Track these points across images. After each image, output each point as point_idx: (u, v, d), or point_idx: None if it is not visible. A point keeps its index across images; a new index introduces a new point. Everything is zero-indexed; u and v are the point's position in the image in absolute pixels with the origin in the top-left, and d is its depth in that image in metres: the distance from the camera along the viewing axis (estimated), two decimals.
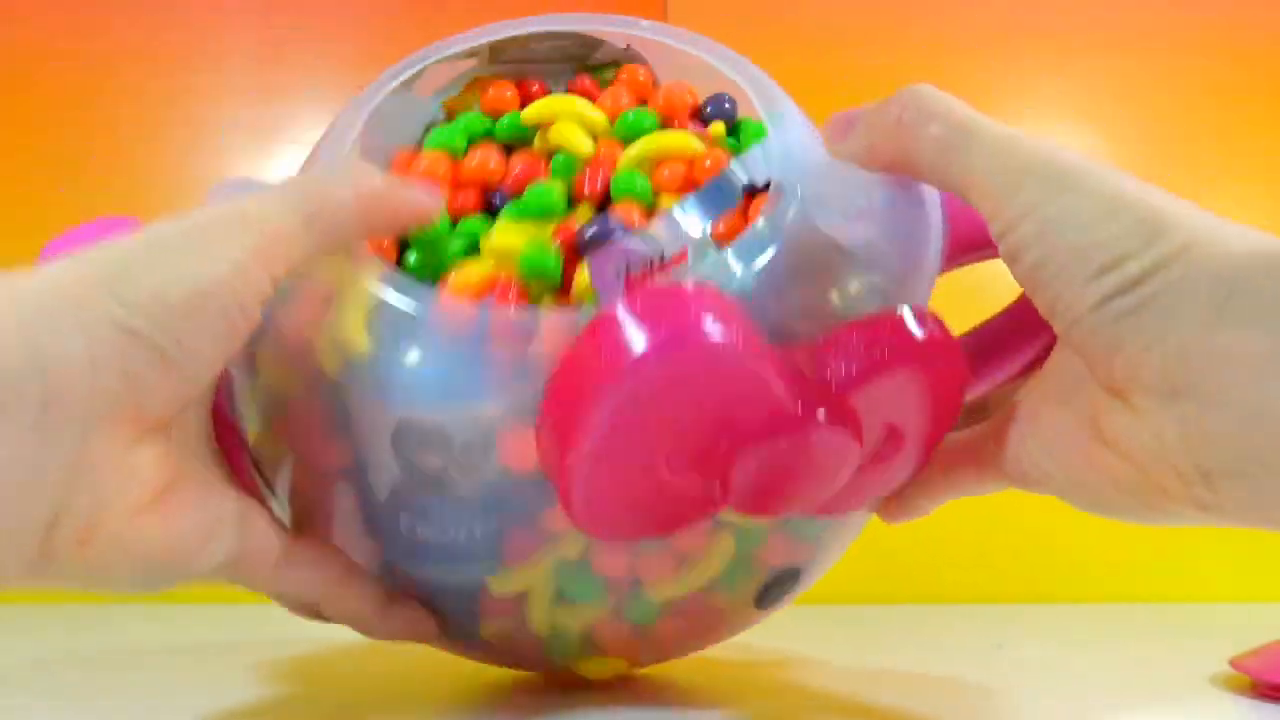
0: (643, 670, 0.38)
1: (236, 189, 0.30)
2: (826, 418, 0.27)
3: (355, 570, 0.32)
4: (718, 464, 0.27)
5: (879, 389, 0.27)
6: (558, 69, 0.37)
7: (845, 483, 0.28)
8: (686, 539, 0.31)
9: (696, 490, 0.27)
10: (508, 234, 0.30)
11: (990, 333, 0.35)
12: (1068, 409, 0.27)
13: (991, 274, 0.31)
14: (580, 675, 0.35)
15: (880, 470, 0.29)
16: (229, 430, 0.31)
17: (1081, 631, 0.52)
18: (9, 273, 0.24)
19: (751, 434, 0.26)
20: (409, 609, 0.33)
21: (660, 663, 0.38)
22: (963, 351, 0.29)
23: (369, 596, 0.32)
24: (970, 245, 0.33)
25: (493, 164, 0.32)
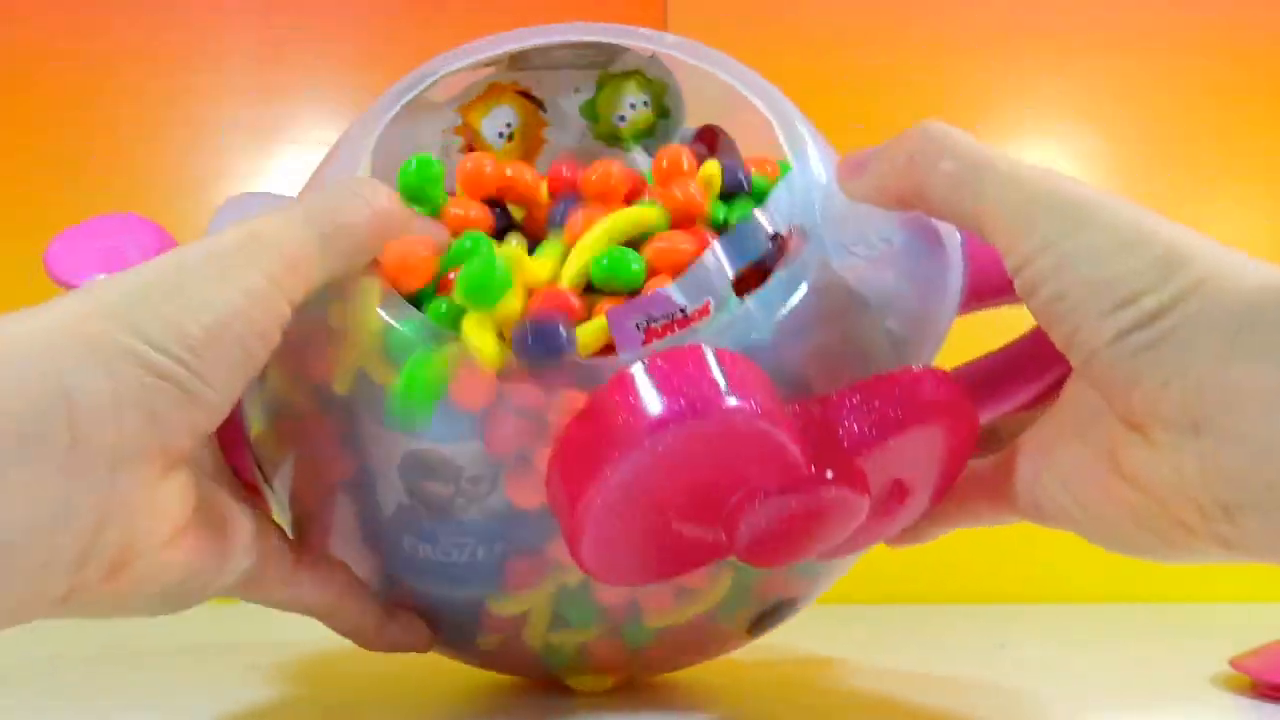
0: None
1: (247, 204, 0.30)
2: (836, 477, 0.27)
3: (356, 586, 0.32)
4: (726, 517, 0.27)
5: (889, 448, 0.27)
6: (578, 75, 0.37)
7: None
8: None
9: (703, 540, 0.28)
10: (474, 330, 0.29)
11: (1004, 361, 0.34)
12: (1084, 443, 0.27)
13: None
14: (571, 687, 0.36)
15: (884, 522, 0.30)
16: (231, 425, 0.31)
17: (1081, 631, 0.52)
18: (29, 309, 0.24)
19: (762, 490, 0.26)
20: (406, 623, 0.33)
21: (649, 677, 0.38)
22: (973, 409, 0.29)
23: (369, 612, 0.32)
24: (991, 286, 0.33)
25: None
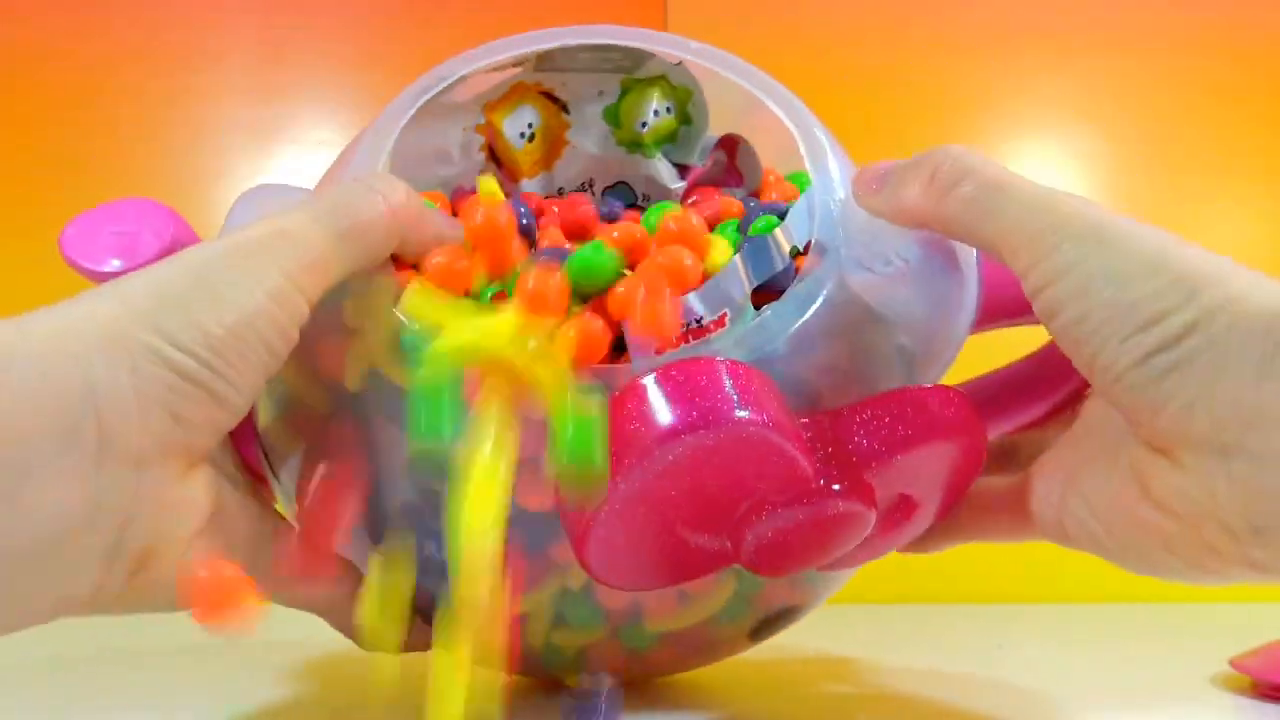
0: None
1: (264, 197, 0.30)
2: (844, 491, 0.27)
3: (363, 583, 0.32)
4: (733, 526, 0.27)
5: (898, 464, 0.28)
6: (602, 79, 0.36)
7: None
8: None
9: (710, 548, 0.28)
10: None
11: (1014, 377, 0.34)
12: (1110, 468, 0.26)
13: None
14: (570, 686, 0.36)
15: (890, 535, 0.30)
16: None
17: (1081, 631, 0.52)
18: (53, 306, 0.24)
19: (769, 502, 0.27)
20: (410, 625, 0.33)
21: (648, 679, 0.38)
22: (982, 427, 0.29)
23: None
24: (1005, 306, 0.33)
25: None
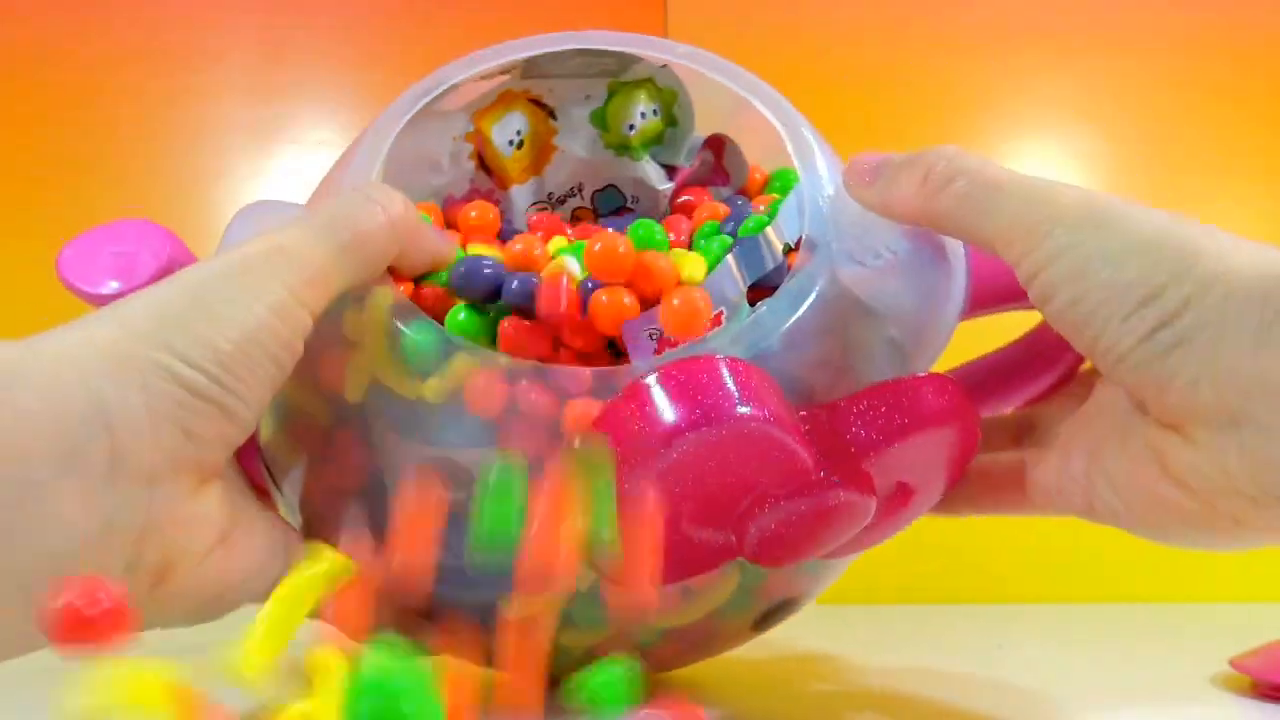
0: None
1: (261, 213, 0.30)
2: (844, 481, 0.27)
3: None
4: (737, 520, 0.27)
5: (894, 452, 0.28)
6: (589, 83, 0.36)
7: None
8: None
9: (714, 543, 0.28)
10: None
11: (1006, 360, 0.35)
12: (1127, 447, 0.27)
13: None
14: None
15: (889, 522, 0.30)
16: None
17: (1081, 631, 0.52)
18: (62, 327, 0.24)
19: (771, 495, 0.27)
20: (416, 630, 0.33)
21: (656, 674, 0.38)
22: (976, 412, 0.29)
23: (382, 619, 0.32)
24: (994, 293, 0.33)
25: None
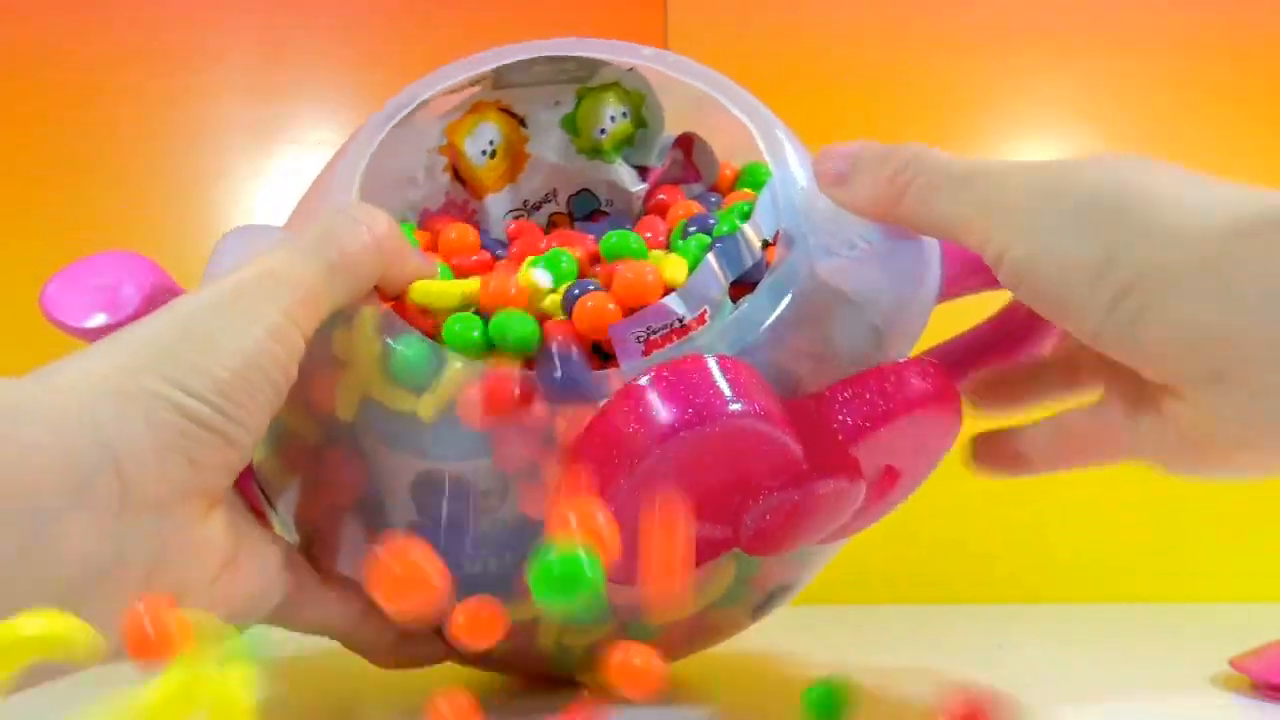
0: None
1: (247, 238, 0.30)
2: (833, 469, 0.28)
3: (374, 608, 0.33)
4: (732, 513, 0.28)
5: (881, 437, 0.28)
6: (557, 90, 0.37)
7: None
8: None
9: (710, 536, 0.29)
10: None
11: (982, 337, 0.35)
12: (1148, 405, 0.27)
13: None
14: (582, 684, 0.36)
15: (877, 506, 0.31)
16: None
17: (1081, 631, 0.52)
18: (66, 360, 0.25)
19: (764, 487, 0.28)
20: (419, 639, 0.33)
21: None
22: (957, 393, 0.30)
23: (385, 634, 0.33)
24: (969, 276, 0.33)
25: None
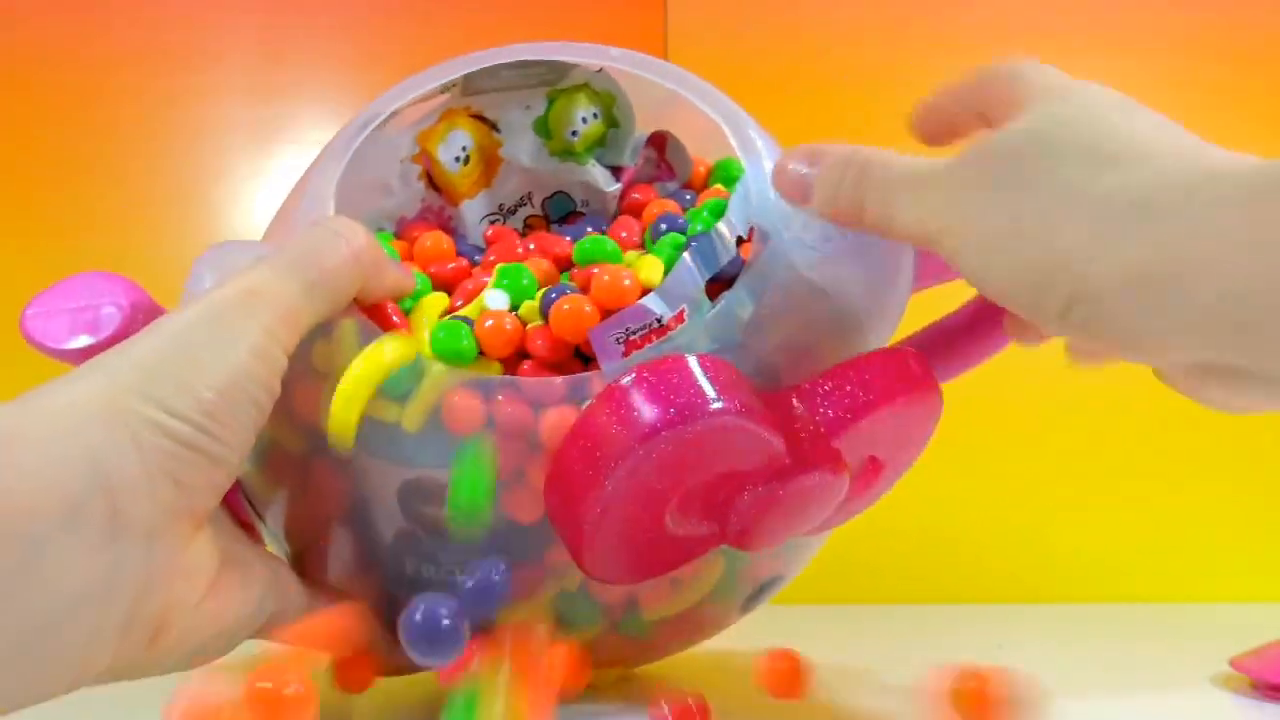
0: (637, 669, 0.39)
1: (226, 254, 0.30)
2: (816, 463, 0.28)
3: (364, 613, 0.33)
4: (716, 510, 0.28)
5: (862, 428, 0.29)
6: (527, 94, 0.37)
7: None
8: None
9: (697, 533, 0.29)
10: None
11: (958, 323, 0.35)
12: None
13: None
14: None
15: (861, 496, 0.31)
16: None
17: (1081, 631, 0.52)
18: (57, 382, 0.25)
19: (748, 482, 0.28)
20: None
21: (649, 663, 0.38)
22: (935, 382, 0.30)
23: (378, 639, 0.33)
24: (942, 268, 0.33)
25: None
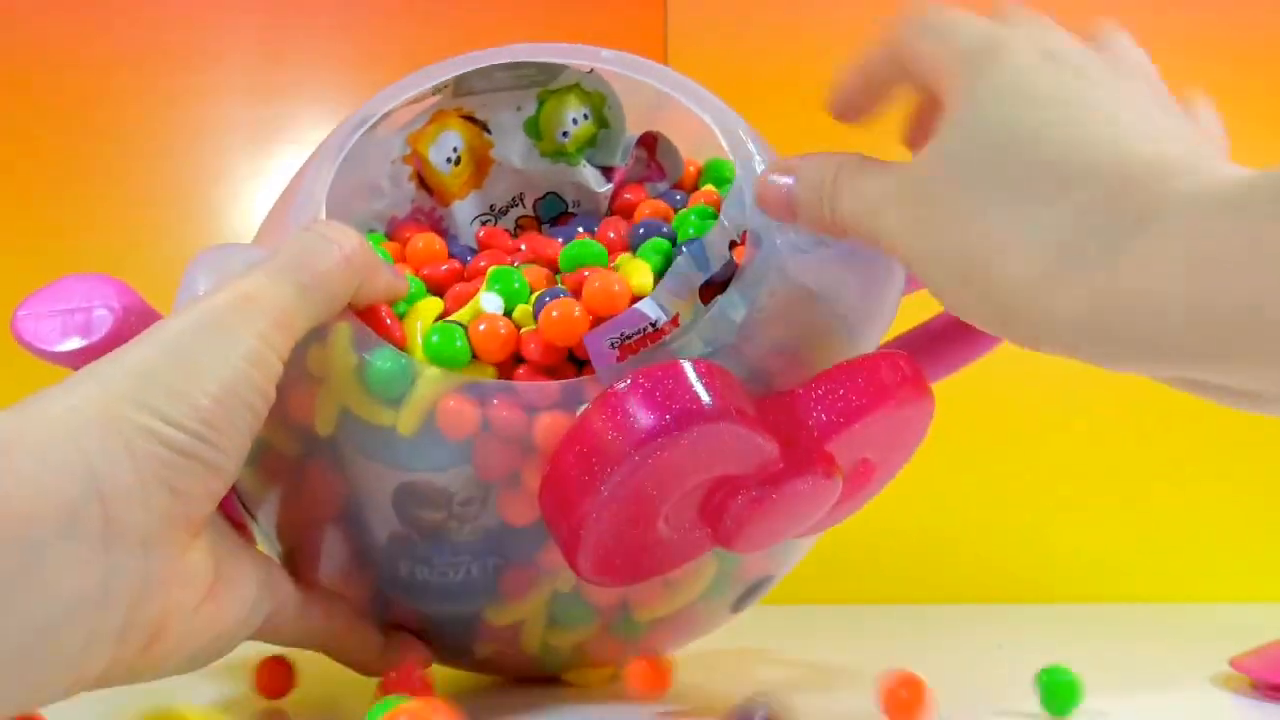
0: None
1: (219, 258, 0.30)
2: (809, 466, 0.28)
3: (359, 618, 0.33)
4: (710, 514, 0.28)
5: (855, 432, 0.29)
6: (518, 95, 0.37)
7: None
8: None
9: (691, 536, 0.29)
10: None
11: (947, 325, 0.35)
12: None
13: None
14: (568, 682, 0.36)
15: (854, 499, 0.31)
16: None
17: (1081, 631, 0.52)
18: (53, 389, 0.25)
19: (741, 486, 0.28)
20: (405, 645, 0.34)
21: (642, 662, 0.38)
22: (927, 384, 0.30)
23: (371, 642, 0.33)
24: None
25: None
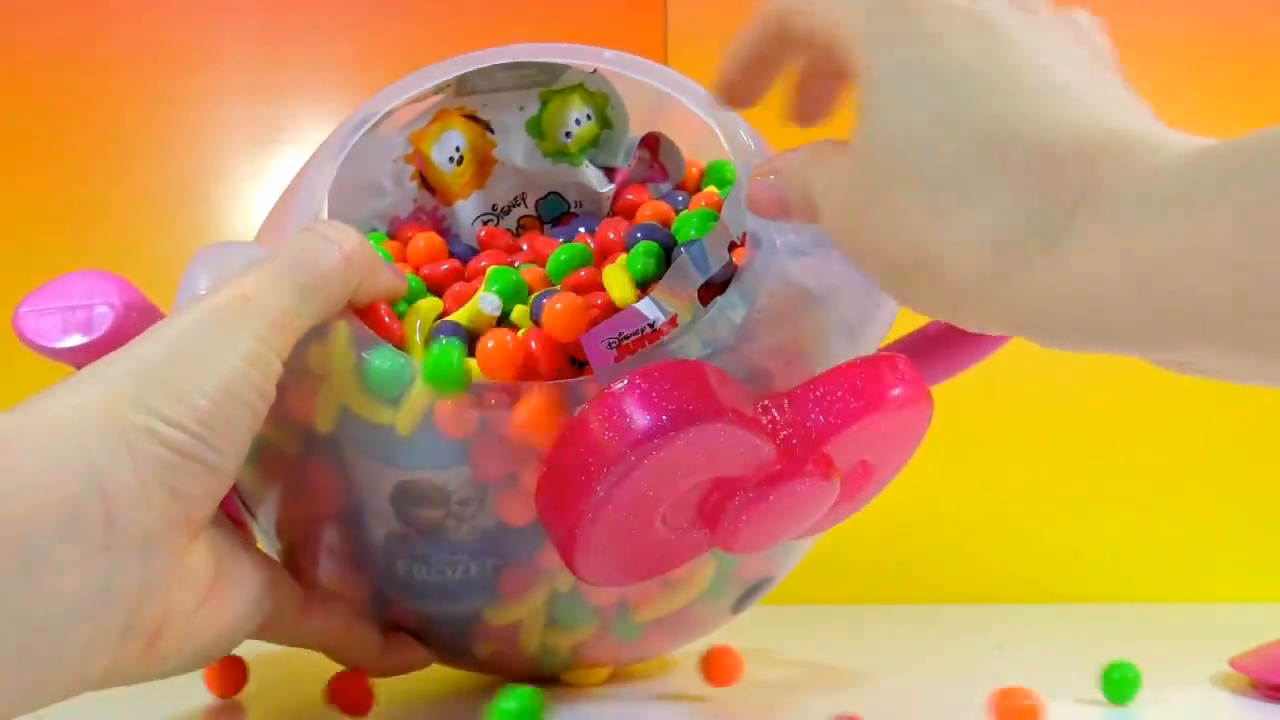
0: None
1: (219, 256, 0.30)
2: (807, 468, 0.28)
3: (359, 618, 0.33)
4: (709, 514, 0.28)
5: (853, 434, 0.29)
6: (521, 95, 0.37)
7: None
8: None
9: (688, 537, 0.29)
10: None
11: (944, 328, 0.35)
12: None
13: None
14: (567, 682, 0.36)
15: (852, 500, 0.31)
16: None
17: (1081, 631, 0.52)
18: (57, 388, 0.25)
19: (739, 488, 0.28)
20: (404, 645, 0.34)
21: (641, 663, 0.38)
22: (925, 386, 0.30)
23: (371, 642, 0.33)
24: None
25: None
